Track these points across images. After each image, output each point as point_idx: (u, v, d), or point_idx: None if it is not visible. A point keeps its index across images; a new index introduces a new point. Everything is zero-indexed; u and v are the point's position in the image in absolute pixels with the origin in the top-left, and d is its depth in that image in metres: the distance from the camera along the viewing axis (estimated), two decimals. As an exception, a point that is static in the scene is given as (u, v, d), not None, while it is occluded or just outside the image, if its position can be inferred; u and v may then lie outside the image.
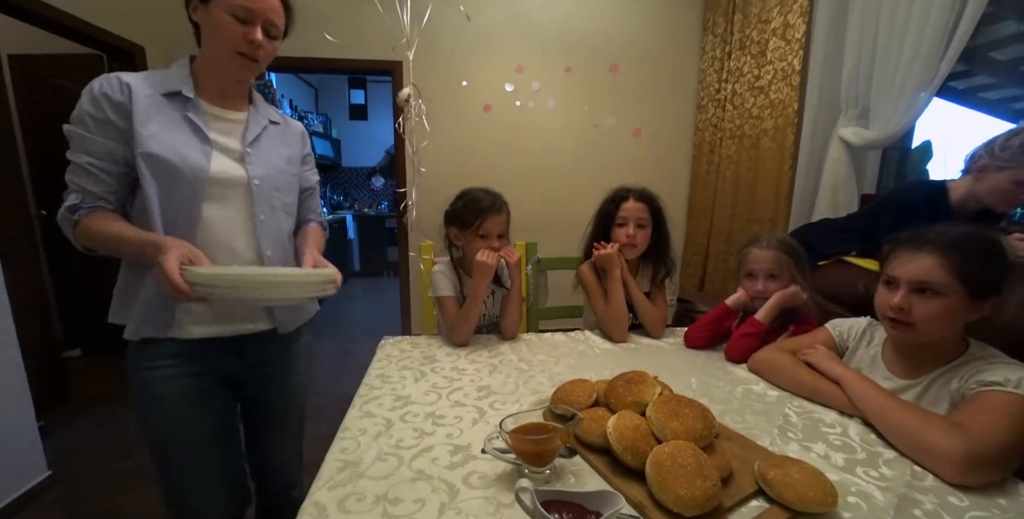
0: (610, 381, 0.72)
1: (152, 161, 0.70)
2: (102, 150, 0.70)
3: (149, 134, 0.70)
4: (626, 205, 1.19)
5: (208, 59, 0.77)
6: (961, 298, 0.70)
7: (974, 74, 3.28)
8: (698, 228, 2.78)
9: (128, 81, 0.71)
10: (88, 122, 0.69)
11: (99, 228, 0.70)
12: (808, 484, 0.53)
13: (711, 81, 2.66)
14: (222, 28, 0.72)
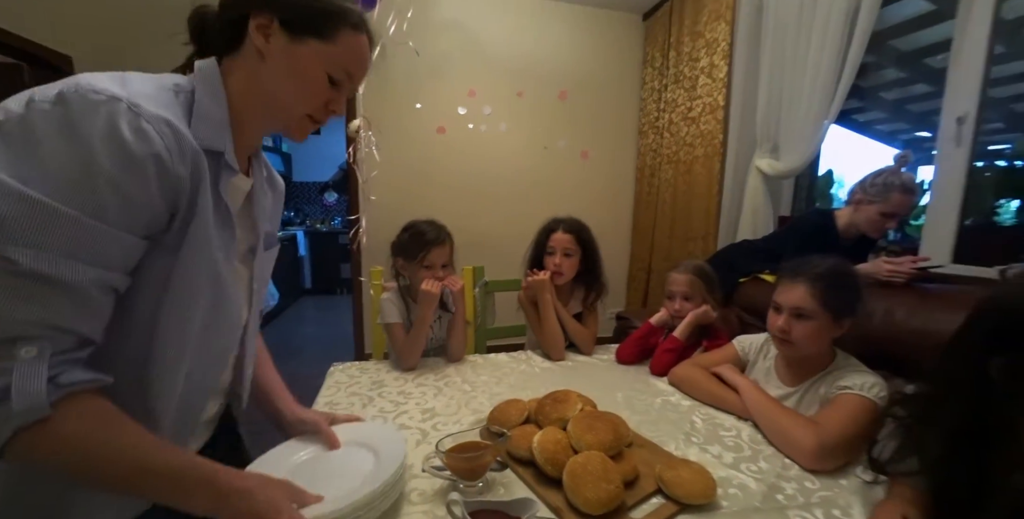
0: (540, 400, 0.82)
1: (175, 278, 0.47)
2: (120, 252, 0.43)
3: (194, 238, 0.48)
4: (555, 236, 1.32)
5: (264, 103, 0.56)
6: (826, 320, 0.86)
7: (868, 110, 3.78)
8: (642, 245, 2.98)
9: (183, 132, 0.45)
10: (107, 198, 0.40)
11: (97, 435, 0.41)
12: (694, 481, 0.65)
13: (651, 109, 2.90)
14: (309, 82, 0.56)
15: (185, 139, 0.45)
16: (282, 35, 0.53)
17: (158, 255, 0.46)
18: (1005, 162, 1.93)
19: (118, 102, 0.41)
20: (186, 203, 0.46)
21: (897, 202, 1.44)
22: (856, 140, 4.13)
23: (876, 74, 3.08)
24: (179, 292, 0.48)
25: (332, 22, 0.55)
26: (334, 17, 0.55)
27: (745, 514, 0.63)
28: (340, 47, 0.56)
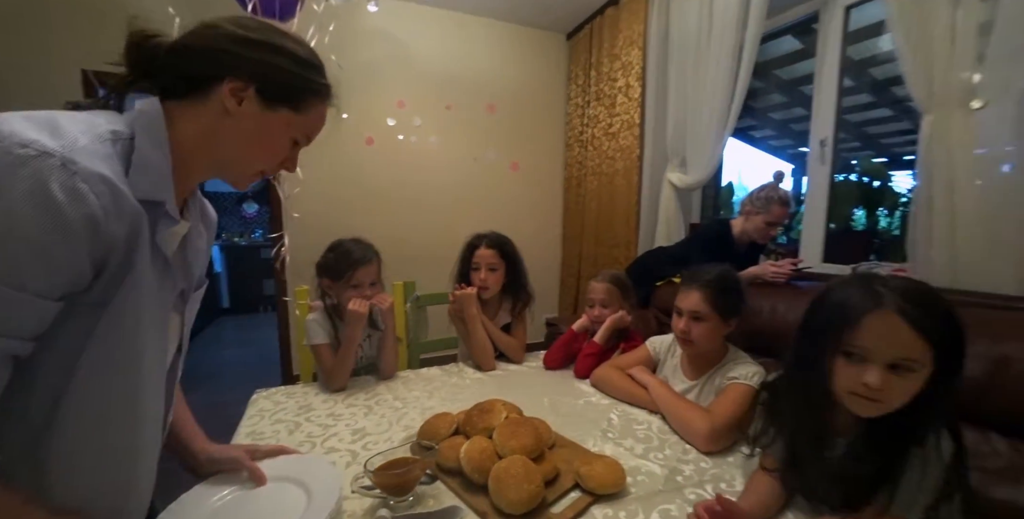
0: (468, 411, 0.86)
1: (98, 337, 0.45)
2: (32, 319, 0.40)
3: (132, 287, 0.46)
4: (479, 252, 1.37)
5: (218, 158, 0.55)
6: (716, 321, 1.00)
7: (761, 128, 4.32)
8: (572, 253, 3.13)
9: (122, 190, 0.42)
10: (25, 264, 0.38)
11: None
12: (606, 473, 0.72)
13: (576, 124, 3.08)
14: (273, 145, 0.57)
15: (124, 198, 0.42)
16: (256, 101, 0.54)
17: (77, 314, 0.43)
18: (855, 177, 2.33)
19: (50, 158, 0.37)
20: (118, 261, 0.43)
21: (777, 213, 1.68)
22: (753, 153, 4.71)
23: (765, 97, 3.53)
24: (101, 352, 0.45)
25: (307, 95, 0.58)
26: (309, 92, 0.58)
27: (650, 497, 0.72)
28: (309, 117, 0.59)
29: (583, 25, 2.98)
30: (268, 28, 0.57)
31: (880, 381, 0.57)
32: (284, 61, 0.56)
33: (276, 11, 1.53)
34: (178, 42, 0.53)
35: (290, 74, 0.56)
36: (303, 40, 0.61)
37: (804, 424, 0.69)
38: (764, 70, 3.12)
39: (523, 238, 1.59)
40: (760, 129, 4.46)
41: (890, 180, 2.23)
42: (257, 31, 0.55)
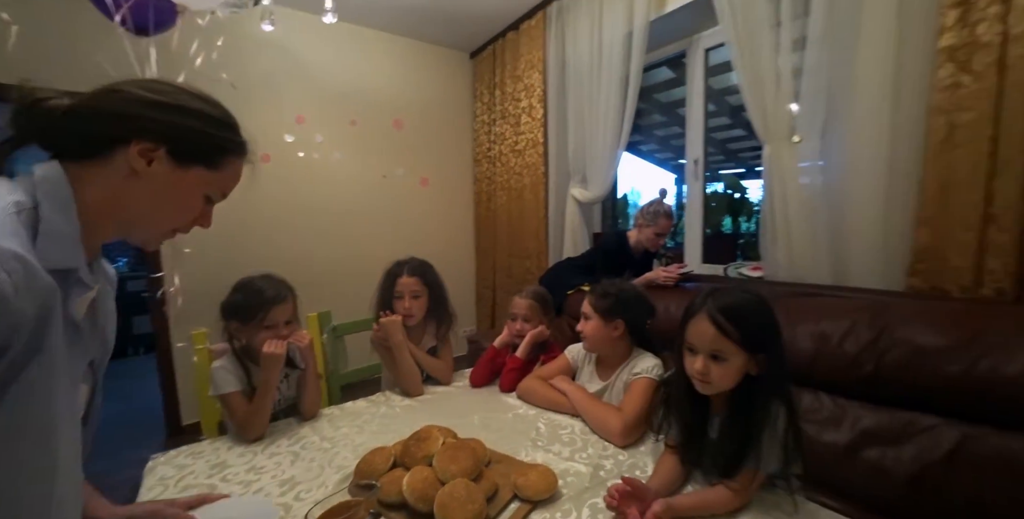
0: (404, 442, 0.87)
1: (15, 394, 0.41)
2: None
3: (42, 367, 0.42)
4: (401, 280, 1.37)
5: (127, 219, 0.54)
6: (598, 321, 1.14)
7: (648, 143, 4.87)
8: (486, 265, 3.22)
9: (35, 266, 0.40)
10: None
11: None
12: (540, 481, 0.79)
13: (483, 141, 3.18)
14: (187, 204, 0.57)
15: (36, 274, 0.40)
16: (167, 161, 0.53)
17: None
18: (723, 189, 2.78)
19: None
20: (24, 341, 0.40)
21: (663, 225, 1.93)
22: (641, 165, 5.29)
23: (649, 117, 4.00)
24: (10, 426, 0.41)
25: (222, 153, 0.58)
26: (224, 150, 0.58)
27: (579, 495, 0.81)
28: (225, 173, 0.59)
29: (486, 46, 3.10)
30: (178, 91, 0.57)
31: (702, 367, 0.78)
32: (195, 122, 0.56)
33: (150, 22, 1.36)
34: (79, 105, 0.51)
35: (203, 134, 0.57)
36: (215, 100, 0.61)
37: (689, 406, 0.84)
38: (647, 94, 3.54)
39: (437, 253, 1.61)
40: (646, 144, 5.05)
41: (746, 192, 2.70)
42: (166, 94, 0.55)
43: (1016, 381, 0.94)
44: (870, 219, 1.42)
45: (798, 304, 1.38)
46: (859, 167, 1.44)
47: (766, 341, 0.77)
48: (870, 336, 1.17)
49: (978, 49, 1.14)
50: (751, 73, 1.66)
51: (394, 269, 1.41)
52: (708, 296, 0.80)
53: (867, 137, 1.41)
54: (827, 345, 1.22)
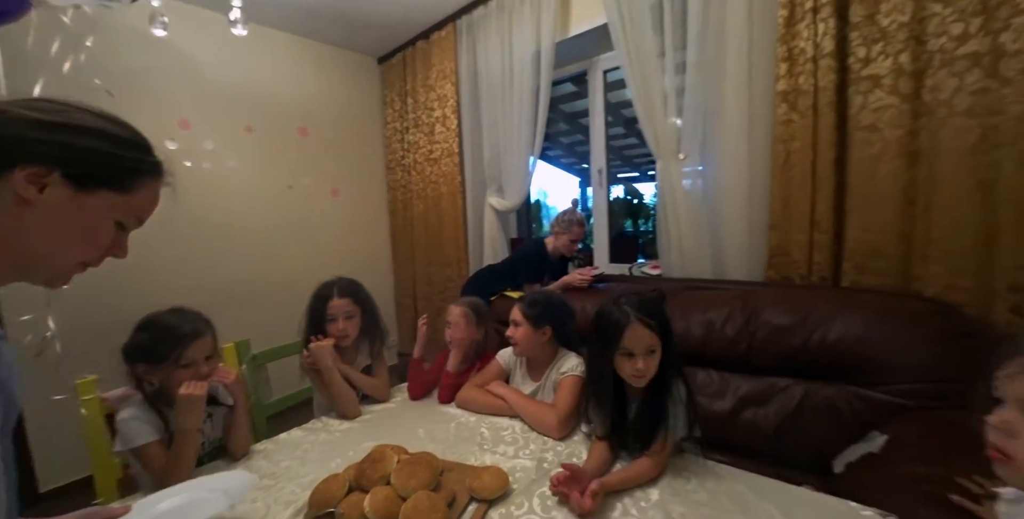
0: (358, 465, 0.89)
1: None
2: None
3: None
4: (332, 303, 1.35)
5: (21, 256, 0.48)
6: (528, 328, 1.25)
7: (555, 149, 5.17)
8: (405, 274, 3.18)
9: None
10: None
11: None
12: (493, 481, 0.87)
13: (396, 148, 3.13)
14: (94, 233, 0.52)
15: None
16: (64, 186, 0.49)
17: None
18: (623, 196, 3.11)
19: None
20: None
21: (577, 232, 2.12)
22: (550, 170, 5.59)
23: (555, 125, 4.27)
24: None
25: (131, 174, 0.53)
26: (134, 171, 0.53)
27: (528, 488, 0.90)
28: (138, 197, 0.54)
29: (395, 52, 3.05)
30: (71, 109, 0.52)
31: (643, 366, 0.91)
32: (95, 141, 0.52)
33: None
34: None
35: (106, 154, 0.53)
36: (120, 119, 0.57)
37: (613, 400, 0.98)
38: (554, 105, 3.77)
39: (353, 265, 1.57)
40: (553, 150, 5.37)
41: (642, 197, 3.05)
42: (56, 113, 0.51)
43: (834, 346, 1.25)
44: (738, 223, 1.74)
45: (690, 297, 1.64)
46: (728, 181, 1.75)
47: (669, 329, 0.95)
48: (743, 320, 1.45)
49: (800, 94, 1.47)
50: (643, 95, 1.90)
51: (323, 291, 1.38)
52: (625, 305, 0.94)
53: (733, 156, 1.71)
54: (713, 330, 1.48)
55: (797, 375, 1.35)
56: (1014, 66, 1.18)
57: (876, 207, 1.41)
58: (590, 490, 0.80)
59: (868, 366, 1.21)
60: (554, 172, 5.89)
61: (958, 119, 1.27)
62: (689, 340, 1.51)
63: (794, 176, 1.52)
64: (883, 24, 1.36)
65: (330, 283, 1.39)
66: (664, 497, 0.85)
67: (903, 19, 1.32)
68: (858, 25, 1.39)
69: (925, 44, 1.31)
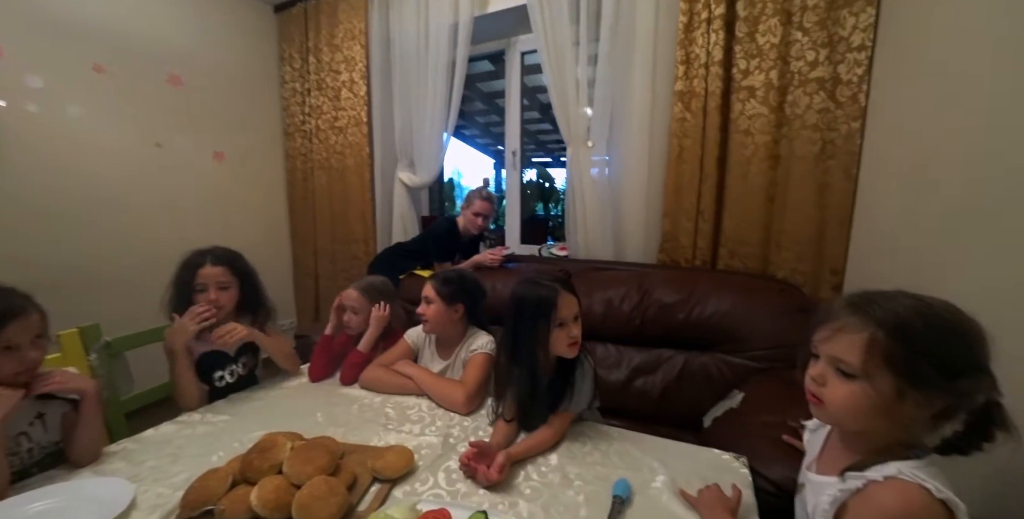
0: (243, 456, 0.81)
1: None
2: None
3: None
4: (203, 271, 1.19)
5: None
6: (441, 305, 1.23)
7: (471, 128, 5.08)
8: (304, 250, 2.93)
9: None
10: None
11: None
12: (396, 459, 0.85)
13: (295, 112, 2.81)
14: None
15: None
16: None
17: None
18: (535, 178, 3.18)
19: None
20: None
21: (479, 205, 2.10)
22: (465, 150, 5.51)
23: (471, 103, 4.17)
24: None
25: None
26: None
27: (435, 463, 0.90)
28: None
29: (296, 1, 2.69)
30: None
31: (577, 331, 0.96)
32: None
33: None
34: None
35: None
36: None
37: (527, 372, 1.01)
38: (470, 82, 3.68)
39: (243, 239, 1.39)
40: (469, 129, 5.27)
41: (553, 181, 3.15)
42: None
43: (708, 321, 1.44)
44: (637, 210, 1.89)
45: (593, 276, 1.75)
46: (631, 170, 1.88)
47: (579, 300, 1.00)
48: (637, 298, 1.59)
49: (694, 96, 1.63)
50: (558, 82, 1.94)
51: (194, 259, 1.20)
52: (546, 281, 0.98)
53: (636, 148, 1.84)
54: (612, 308, 1.61)
55: (680, 346, 1.53)
56: (846, 93, 1.44)
57: (746, 202, 1.64)
58: (497, 464, 0.83)
59: (733, 336, 1.42)
60: (470, 152, 5.82)
61: (807, 132, 1.51)
62: (591, 317, 1.62)
63: (685, 170, 1.69)
64: (760, 42, 1.55)
65: (203, 250, 1.22)
66: (562, 461, 0.91)
67: (774, 41, 1.52)
68: (741, 40, 1.57)
69: (789, 65, 1.53)
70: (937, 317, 0.51)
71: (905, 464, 0.52)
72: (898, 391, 0.51)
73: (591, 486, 0.83)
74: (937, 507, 0.47)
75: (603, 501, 0.78)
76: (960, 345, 0.49)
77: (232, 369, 1.28)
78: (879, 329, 0.52)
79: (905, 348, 0.50)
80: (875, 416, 0.54)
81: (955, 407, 0.50)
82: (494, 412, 1.06)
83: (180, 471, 0.87)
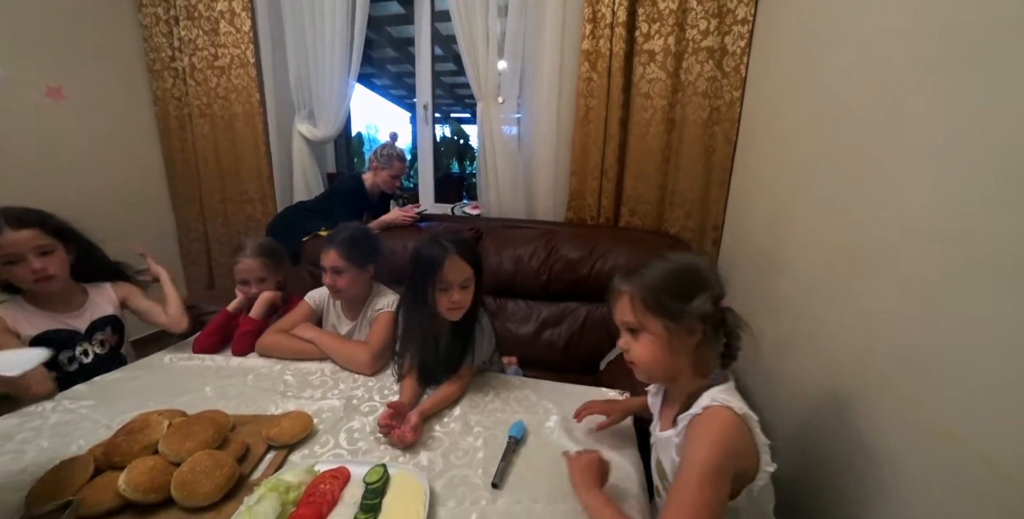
0: (106, 442, 0.73)
1: None
2: None
3: None
4: (8, 239, 0.98)
5: None
6: (355, 270, 1.18)
7: (383, 78, 4.66)
8: (190, 211, 2.57)
9: None
10: None
11: None
12: (292, 425, 0.84)
13: (161, 46, 2.33)
14: None
15: None
16: None
17: None
18: (450, 134, 3.05)
19: None
20: None
21: (398, 167, 2.02)
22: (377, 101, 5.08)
23: (381, 50, 3.79)
24: None
25: None
26: None
27: (335, 425, 0.90)
28: None
29: None
30: None
31: (459, 298, 0.96)
32: None
33: None
34: None
35: None
36: None
37: (422, 331, 1.03)
38: (377, 25, 3.31)
39: (104, 200, 1.16)
40: (379, 78, 4.82)
41: (468, 138, 3.05)
42: None
43: (608, 274, 1.56)
44: (547, 169, 1.91)
45: (504, 235, 1.78)
46: (540, 129, 1.88)
47: (480, 266, 1.01)
48: (545, 255, 1.66)
49: (600, 57, 1.63)
50: (467, 32, 1.83)
51: None
52: (443, 241, 0.96)
53: (546, 106, 1.83)
54: (522, 264, 1.67)
55: (583, 299, 1.65)
56: (731, 63, 1.55)
57: (645, 163, 1.74)
58: (411, 424, 0.85)
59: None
60: (384, 104, 5.37)
61: (698, 98, 1.61)
62: (502, 274, 1.67)
63: (590, 130, 1.73)
64: (660, 7, 1.58)
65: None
66: (464, 410, 0.96)
67: (673, 7, 1.56)
68: (643, 3, 1.59)
69: (685, 32, 1.59)
70: (669, 267, 0.65)
71: (714, 391, 0.62)
72: (666, 328, 0.62)
73: (490, 431, 0.89)
74: (740, 421, 0.59)
75: (500, 443, 0.84)
76: (685, 280, 0.63)
77: (85, 348, 1.11)
78: (635, 287, 0.65)
79: (652, 293, 0.63)
80: (668, 357, 0.64)
81: (705, 324, 0.62)
82: (399, 370, 1.07)
83: (24, 467, 0.75)
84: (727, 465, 0.56)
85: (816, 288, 0.94)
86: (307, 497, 0.67)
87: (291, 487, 0.67)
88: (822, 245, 0.93)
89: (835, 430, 0.81)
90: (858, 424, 0.73)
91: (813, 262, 0.97)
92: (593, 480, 0.68)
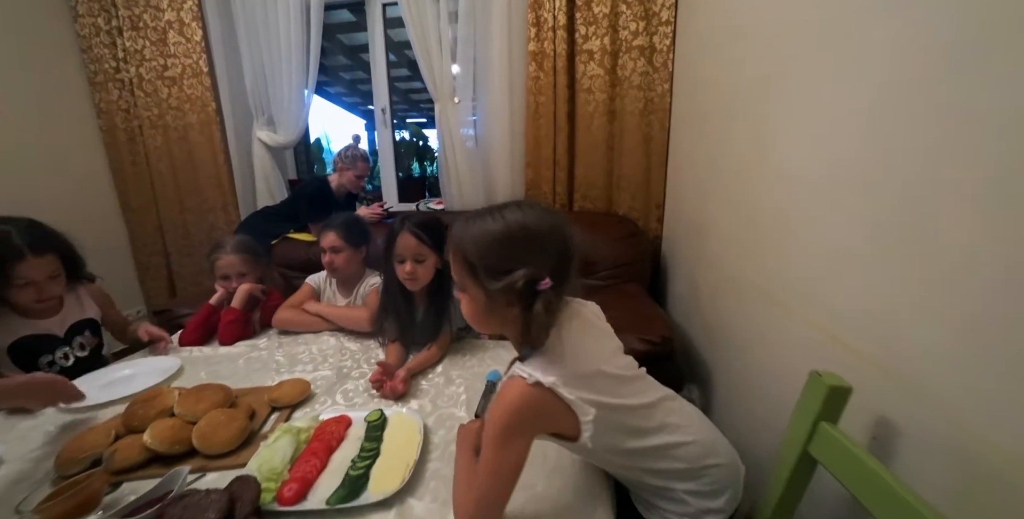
0: (127, 409, 0.81)
1: None
2: None
3: None
4: (30, 264, 1.01)
5: None
6: (350, 251, 1.32)
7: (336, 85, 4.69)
8: (145, 226, 2.53)
9: None
10: None
11: None
12: (292, 388, 0.94)
13: (104, 56, 2.30)
14: None
15: None
16: None
17: None
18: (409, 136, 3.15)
19: None
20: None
21: (362, 167, 2.11)
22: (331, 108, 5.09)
23: (334, 57, 3.83)
24: None
25: None
26: None
27: (330, 388, 1.01)
28: None
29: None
30: None
31: (411, 269, 1.09)
32: None
33: None
34: None
35: None
36: None
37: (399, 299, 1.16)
38: (330, 33, 3.35)
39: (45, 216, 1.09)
40: (333, 86, 4.83)
41: (427, 140, 3.15)
42: None
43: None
44: (504, 162, 2.06)
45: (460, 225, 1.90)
46: (495, 126, 2.03)
47: (443, 243, 1.14)
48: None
49: (545, 57, 1.81)
50: (420, 37, 1.96)
51: None
52: (404, 219, 1.10)
53: (499, 105, 1.98)
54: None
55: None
56: (659, 59, 1.76)
57: (592, 151, 1.92)
58: (399, 377, 0.98)
59: (584, 263, 1.72)
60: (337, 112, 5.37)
61: (634, 91, 1.81)
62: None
63: (541, 124, 1.90)
64: (595, 11, 1.77)
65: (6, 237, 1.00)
66: (445, 368, 1.09)
67: (606, 11, 1.76)
68: (580, 8, 1.78)
69: (618, 33, 1.78)
70: (496, 231, 0.59)
71: (525, 363, 0.60)
72: (485, 292, 0.59)
73: (469, 382, 1.02)
74: (534, 389, 0.56)
75: (479, 389, 0.97)
76: (510, 248, 0.59)
77: (65, 351, 1.13)
78: (459, 251, 0.62)
79: (470, 259, 0.60)
80: (488, 317, 0.63)
81: (521, 297, 0.57)
82: (384, 337, 1.20)
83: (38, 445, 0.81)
84: (519, 429, 0.58)
85: (733, 244, 1.14)
86: (317, 436, 0.77)
87: (302, 430, 0.78)
88: (735, 210, 1.13)
89: (746, 333, 1.03)
90: (756, 324, 0.94)
91: (730, 223, 1.17)
92: (470, 443, 0.72)
